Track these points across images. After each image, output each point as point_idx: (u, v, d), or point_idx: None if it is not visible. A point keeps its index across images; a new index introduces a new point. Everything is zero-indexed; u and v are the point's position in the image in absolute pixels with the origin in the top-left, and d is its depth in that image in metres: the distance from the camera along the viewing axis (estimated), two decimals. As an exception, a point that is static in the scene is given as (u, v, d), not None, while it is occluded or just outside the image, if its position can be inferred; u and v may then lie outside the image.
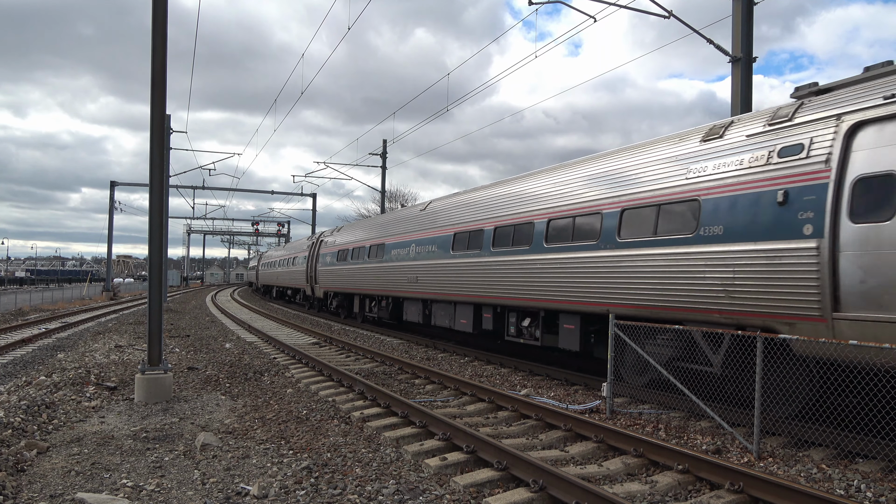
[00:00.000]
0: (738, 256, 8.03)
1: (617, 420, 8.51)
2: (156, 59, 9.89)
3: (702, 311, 8.53)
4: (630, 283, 9.77)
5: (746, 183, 8.16)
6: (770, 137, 8.13)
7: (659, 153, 9.97)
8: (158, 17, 9.94)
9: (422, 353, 15.96)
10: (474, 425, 8.07)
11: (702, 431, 7.86)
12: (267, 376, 11.94)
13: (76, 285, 56.17)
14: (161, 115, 10.03)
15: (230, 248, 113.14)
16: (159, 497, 5.56)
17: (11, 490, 5.60)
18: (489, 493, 5.64)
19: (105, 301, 43.28)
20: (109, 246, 49.21)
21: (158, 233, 10.22)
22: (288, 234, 73.19)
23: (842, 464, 6.53)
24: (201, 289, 77.90)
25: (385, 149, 38.28)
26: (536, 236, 12.38)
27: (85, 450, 6.95)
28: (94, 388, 10.32)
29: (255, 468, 6.35)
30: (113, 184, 45.38)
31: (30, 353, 15.59)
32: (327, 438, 7.45)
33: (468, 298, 15.01)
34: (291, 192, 56.07)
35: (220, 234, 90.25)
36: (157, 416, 8.65)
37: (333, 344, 17.31)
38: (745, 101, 14.06)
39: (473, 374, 12.53)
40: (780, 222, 7.61)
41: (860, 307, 6.71)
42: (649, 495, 5.67)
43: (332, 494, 5.56)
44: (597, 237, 10.61)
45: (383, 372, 12.57)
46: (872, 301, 6.59)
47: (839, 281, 6.93)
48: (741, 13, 14.02)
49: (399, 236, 20.03)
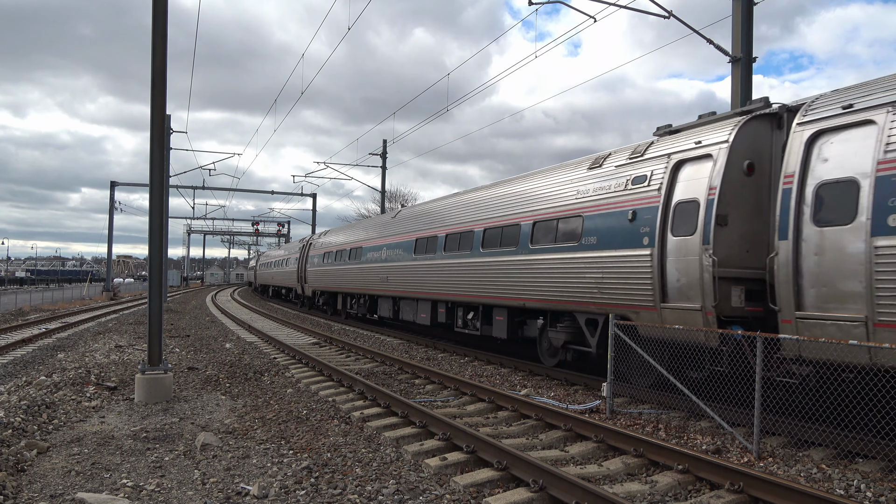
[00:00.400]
0: (606, 261, 10.29)
1: (617, 420, 8.51)
2: (156, 59, 9.89)
3: (584, 304, 10.82)
4: (538, 282, 12.04)
5: (612, 203, 10.43)
6: (629, 168, 10.38)
7: (561, 177, 12.30)
8: (158, 17, 9.94)
9: (422, 353, 15.96)
10: (474, 425, 8.07)
11: (702, 431, 7.87)
12: (267, 376, 11.94)
13: (76, 285, 56.19)
14: (161, 115, 10.03)
15: (230, 248, 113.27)
16: (159, 497, 5.56)
17: (11, 490, 5.60)
18: (489, 493, 5.64)
19: (105, 301, 43.29)
20: (109, 246, 49.27)
21: (158, 233, 10.22)
22: (288, 234, 73.19)
23: (842, 464, 6.53)
24: (201, 289, 77.92)
25: (385, 149, 38.29)
26: (476, 242, 14.68)
27: (85, 450, 6.95)
28: (95, 388, 10.32)
29: (255, 468, 6.35)
30: (113, 184, 45.40)
31: (30, 353, 15.59)
32: (327, 438, 7.45)
33: (427, 296, 17.33)
34: (291, 192, 56.14)
35: (220, 234, 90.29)
36: (157, 416, 8.65)
37: (333, 344, 17.32)
38: (745, 101, 14.05)
39: (473, 374, 12.54)
40: (630, 235, 9.83)
41: (676, 299, 9.01)
42: (649, 495, 5.67)
43: (332, 494, 5.56)
44: (517, 243, 12.92)
45: (383, 372, 12.57)
46: (683, 294, 8.90)
47: (665, 280, 9.19)
48: (741, 13, 14.02)
49: (374, 240, 22.46)
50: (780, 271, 7.62)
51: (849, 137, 7.25)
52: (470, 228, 15.19)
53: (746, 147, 8.81)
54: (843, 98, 7.53)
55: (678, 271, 9.01)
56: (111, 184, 45.35)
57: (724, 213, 8.64)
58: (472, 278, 14.68)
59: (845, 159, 7.21)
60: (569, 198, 11.60)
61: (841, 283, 7.03)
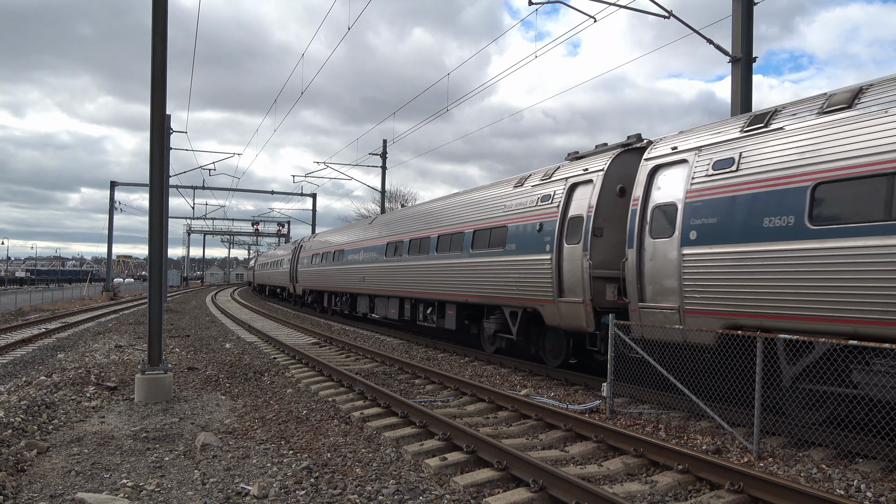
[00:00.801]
0: (522, 263, 12.53)
1: (617, 420, 8.51)
2: (156, 60, 9.89)
3: (509, 299, 13.12)
4: (477, 281, 14.35)
5: (527, 216, 12.70)
6: (539, 188, 12.67)
7: (494, 193, 14.79)
8: (158, 17, 9.94)
9: (422, 353, 15.96)
10: (474, 425, 8.07)
11: (702, 431, 7.86)
12: (267, 376, 11.94)
13: (76, 285, 56.18)
14: (161, 115, 10.03)
15: (230, 248, 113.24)
16: (159, 497, 5.56)
17: (11, 490, 5.60)
18: (489, 493, 5.64)
19: (105, 301, 43.29)
20: (109, 246, 49.26)
21: (158, 233, 10.22)
22: (288, 234, 73.14)
23: (842, 464, 6.53)
24: (201, 289, 77.93)
25: (385, 149, 38.28)
26: (431, 247, 16.94)
27: (85, 450, 6.95)
28: (94, 388, 10.32)
29: (255, 468, 6.35)
30: (113, 184, 45.39)
31: (30, 353, 15.59)
32: (327, 438, 7.45)
33: (395, 293, 19.67)
34: (291, 192, 56.13)
35: (220, 234, 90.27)
36: (157, 416, 8.65)
37: (333, 344, 17.31)
38: (745, 101, 14.06)
39: (473, 374, 12.53)
40: (538, 242, 12.06)
41: (567, 294, 11.26)
42: (649, 495, 5.67)
43: (332, 494, 5.56)
44: (461, 248, 15.24)
45: (383, 372, 12.57)
46: (572, 291, 11.16)
47: (562, 279, 11.42)
48: (741, 13, 14.01)
49: (353, 244, 24.90)
50: (629, 273, 9.72)
51: (673, 172, 9.36)
52: (428, 235, 17.48)
53: (619, 174, 10.97)
54: (674, 142, 9.63)
55: (569, 272, 11.31)
56: (111, 184, 45.34)
57: (600, 226, 10.89)
58: (429, 278, 17.01)
59: (670, 188, 9.31)
60: (498, 211, 13.99)
61: (665, 282, 9.12)
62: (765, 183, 7.82)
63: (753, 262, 7.77)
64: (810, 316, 7.08)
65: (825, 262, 6.99)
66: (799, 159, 7.49)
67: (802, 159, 7.45)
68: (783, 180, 7.60)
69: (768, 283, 7.57)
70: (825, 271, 6.98)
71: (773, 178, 7.72)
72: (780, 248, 7.47)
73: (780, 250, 7.48)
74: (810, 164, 7.34)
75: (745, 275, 7.88)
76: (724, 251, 8.18)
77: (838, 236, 6.89)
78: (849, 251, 6.77)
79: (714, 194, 8.48)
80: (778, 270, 7.47)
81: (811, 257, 7.13)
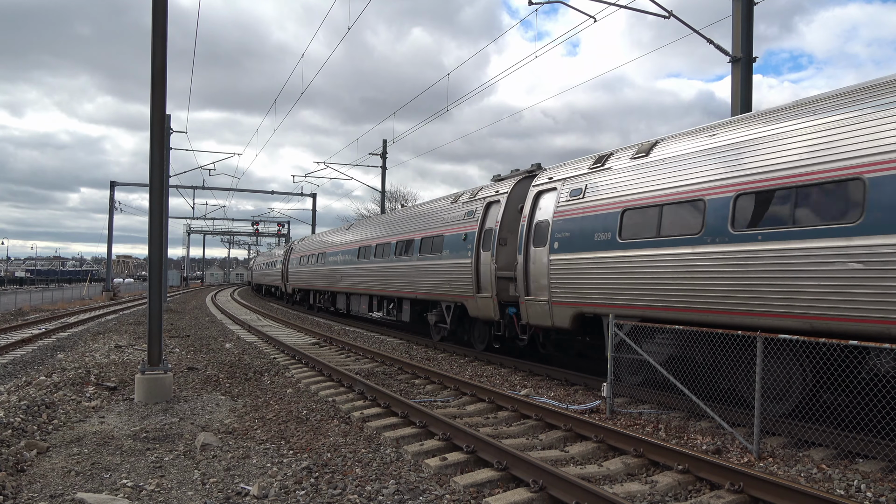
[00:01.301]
0: (453, 266, 15.47)
1: (617, 420, 8.51)
2: (156, 60, 9.89)
3: (445, 295, 16.13)
4: (423, 280, 17.23)
5: (458, 228, 15.72)
6: (467, 205, 15.68)
7: (438, 206, 17.93)
8: (158, 18, 9.94)
9: (422, 353, 15.96)
10: (474, 425, 8.07)
11: (702, 431, 7.86)
12: (267, 376, 11.94)
13: (76, 285, 56.17)
14: (161, 115, 10.03)
15: (230, 248, 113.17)
16: (159, 497, 5.56)
17: (11, 490, 5.60)
18: (489, 493, 5.64)
19: (105, 301, 43.28)
20: (109, 246, 49.27)
21: (158, 233, 10.22)
22: (288, 234, 73.10)
23: (842, 464, 6.52)
24: (201, 289, 77.91)
25: (385, 149, 38.28)
26: (391, 251, 20.26)
27: (85, 450, 6.95)
28: (94, 388, 10.32)
29: (255, 468, 6.35)
30: (113, 184, 45.39)
31: (30, 353, 15.59)
32: (327, 438, 7.45)
33: (365, 292, 22.93)
34: (292, 193, 56.12)
35: (220, 234, 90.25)
36: (157, 416, 8.65)
37: (333, 344, 17.31)
38: (745, 101, 14.06)
39: (473, 374, 12.53)
40: (463, 249, 15.03)
41: (482, 291, 14.14)
42: (649, 495, 5.67)
43: (332, 494, 5.56)
44: (413, 252, 18.28)
45: (383, 372, 12.57)
46: (484, 288, 14.10)
47: (479, 279, 14.32)
48: (741, 13, 14.01)
49: (334, 247, 28.11)
50: (519, 273, 12.49)
51: (548, 196, 12.07)
52: (389, 241, 20.60)
53: (520, 195, 13.36)
54: (551, 173, 12.47)
55: (483, 273, 14.23)
56: (111, 184, 45.34)
57: (505, 236, 13.66)
58: (389, 278, 20.08)
59: (546, 209, 11.98)
60: (439, 222, 17.01)
61: (541, 280, 11.81)
62: (598, 208, 10.54)
63: (589, 266, 10.55)
64: (624, 304, 9.77)
65: (628, 265, 9.70)
66: (615, 192, 10.27)
67: (617, 192, 10.23)
68: (607, 207, 10.35)
69: (599, 281, 10.35)
70: (627, 271, 9.70)
71: (602, 205, 10.46)
72: (604, 255, 10.20)
73: (603, 257, 10.21)
74: (620, 196, 10.09)
75: (585, 275, 10.69)
76: (573, 257, 10.94)
77: (633, 248, 9.63)
78: (639, 257, 9.50)
79: (570, 215, 11.20)
80: (603, 271, 10.23)
81: (620, 261, 9.87)
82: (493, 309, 13.71)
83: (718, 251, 8.26)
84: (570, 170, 11.78)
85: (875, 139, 6.80)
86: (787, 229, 7.51)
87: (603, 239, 10.26)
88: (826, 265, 7.06)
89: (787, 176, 7.61)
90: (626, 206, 9.89)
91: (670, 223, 9.08)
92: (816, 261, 7.15)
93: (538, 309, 11.84)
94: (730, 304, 8.10)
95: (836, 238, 6.99)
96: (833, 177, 7.10)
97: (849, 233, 6.85)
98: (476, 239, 14.48)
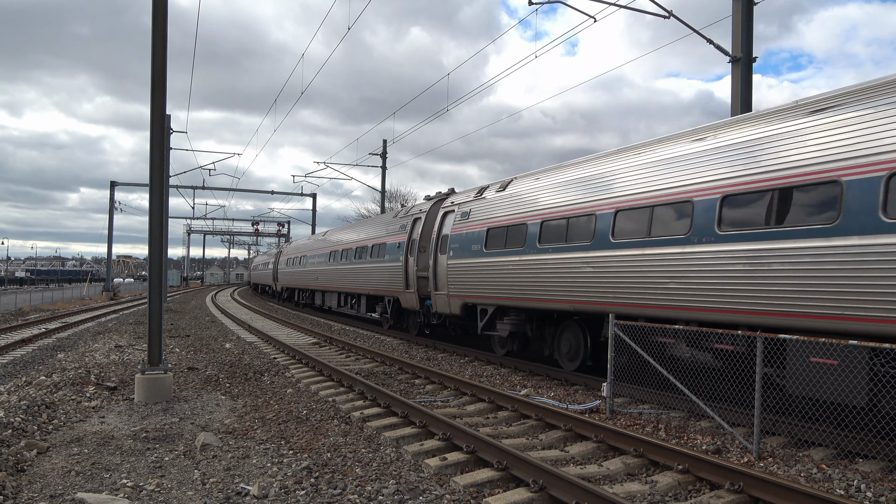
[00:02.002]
0: (391, 268, 19.38)
1: (617, 420, 8.51)
2: (156, 60, 9.88)
3: (386, 291, 20.21)
4: (373, 279, 21.37)
5: (395, 237, 19.58)
6: (401, 220, 19.76)
7: (383, 220, 22.91)
8: (158, 18, 9.93)
9: (422, 353, 15.96)
10: (474, 425, 8.07)
11: (702, 431, 7.86)
12: (267, 376, 11.94)
13: (76, 285, 56.17)
14: (161, 115, 10.03)
15: (230, 248, 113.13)
16: (159, 497, 5.56)
17: (11, 490, 5.60)
18: (489, 493, 5.64)
19: (105, 301, 43.28)
20: (109, 246, 49.26)
21: (158, 233, 10.22)
22: (288, 234, 73.04)
23: (842, 464, 6.52)
24: (201, 289, 77.89)
25: (385, 149, 38.27)
26: (351, 255, 24.66)
27: (85, 450, 6.95)
28: (94, 388, 10.32)
29: (255, 468, 6.35)
30: (113, 184, 45.39)
31: (30, 353, 15.59)
32: (327, 438, 7.45)
33: (334, 289, 27.64)
34: (292, 192, 56.12)
35: (220, 234, 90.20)
36: (157, 416, 8.65)
37: (333, 344, 17.31)
38: (745, 101, 14.05)
39: (473, 374, 12.53)
40: (398, 254, 18.87)
41: (409, 287, 17.97)
42: (649, 495, 5.67)
43: (332, 494, 5.56)
44: (366, 256, 22.62)
45: (383, 372, 12.57)
46: (410, 285, 17.89)
47: (408, 278, 18.03)
48: (741, 13, 14.00)
49: (312, 251, 33.22)
50: (430, 274, 16.44)
51: (450, 216, 16.00)
52: (350, 247, 25.05)
53: (434, 215, 17.26)
54: (453, 198, 16.69)
55: (410, 274, 18.12)
56: (111, 184, 45.34)
57: (424, 245, 17.35)
58: (350, 277, 24.53)
59: (448, 225, 15.92)
60: (384, 232, 21.31)
61: (444, 279, 15.64)
62: (475, 226, 14.56)
63: (469, 268, 14.54)
64: (489, 296, 13.77)
65: (490, 268, 13.63)
66: (484, 216, 14.30)
67: (485, 216, 14.26)
68: (479, 225, 14.38)
69: (474, 279, 14.30)
70: (490, 272, 13.62)
71: (477, 224, 14.48)
72: (476, 261, 14.21)
73: (476, 262, 14.22)
74: (487, 219, 14.14)
75: (467, 275, 14.62)
76: (460, 262, 14.90)
77: (492, 255, 13.59)
78: (495, 262, 13.44)
79: (460, 231, 15.18)
80: (476, 272, 14.20)
81: (484, 265, 13.87)
82: (416, 301, 17.84)
83: (531, 258, 12.22)
84: (463, 197, 15.95)
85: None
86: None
87: (476, 249, 14.24)
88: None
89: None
90: (489, 225, 13.97)
91: (510, 238, 13.08)
92: None
93: (442, 301, 15.83)
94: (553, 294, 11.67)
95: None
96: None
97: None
98: (406, 247, 18.46)
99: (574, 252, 10.92)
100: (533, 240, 12.10)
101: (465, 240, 14.61)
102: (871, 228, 6.57)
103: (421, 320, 18.06)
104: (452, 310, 15.24)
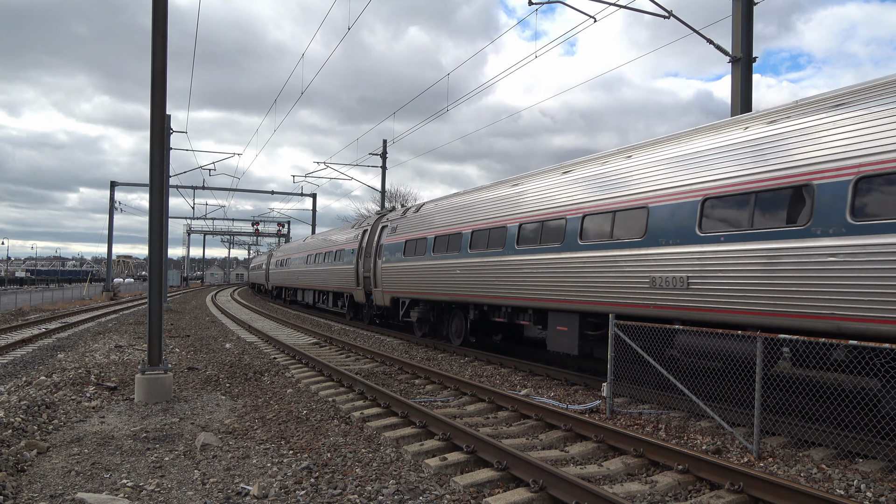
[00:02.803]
0: (346, 269, 24.79)
1: (617, 420, 8.51)
2: (156, 60, 9.88)
3: (343, 289, 25.75)
4: (336, 279, 26.34)
5: (350, 245, 24.77)
6: (354, 231, 25.08)
7: (345, 230, 27.97)
8: (158, 18, 9.93)
9: (422, 353, 15.96)
10: (474, 425, 8.07)
11: (702, 431, 7.86)
12: (267, 376, 11.94)
13: (76, 285, 56.17)
14: (161, 115, 10.03)
15: (230, 248, 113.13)
16: (159, 497, 5.56)
17: (11, 490, 5.60)
18: (489, 493, 5.64)
19: (105, 301, 43.28)
20: (109, 246, 49.27)
21: (158, 233, 10.22)
22: (288, 234, 73.05)
23: (842, 464, 6.53)
24: (201, 289, 77.88)
25: (385, 149, 38.27)
26: (321, 258, 29.84)
27: (85, 450, 6.95)
28: (94, 388, 10.32)
29: (255, 468, 6.35)
30: (113, 184, 45.40)
31: (30, 353, 15.59)
32: (327, 438, 7.45)
33: (309, 287, 33.51)
34: (292, 193, 56.13)
35: (220, 234, 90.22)
36: (157, 416, 8.65)
37: (333, 344, 17.32)
38: (745, 101, 14.05)
39: (473, 375, 12.53)
40: (352, 258, 24.19)
41: (358, 285, 23.60)
42: (649, 495, 5.67)
43: (332, 494, 5.56)
44: (332, 260, 27.39)
45: (383, 372, 12.57)
46: (359, 283, 23.51)
47: (358, 277, 23.49)
48: (741, 13, 14.00)
49: (296, 253, 38.42)
50: (371, 274, 21.38)
51: (386, 230, 20.48)
52: (320, 251, 30.33)
53: (376, 227, 21.98)
54: (389, 216, 21.46)
55: (359, 274, 22.97)
56: (111, 184, 45.35)
57: (370, 252, 21.89)
58: (321, 277, 29.63)
59: (384, 237, 20.50)
60: (343, 241, 26.19)
61: (380, 278, 20.33)
62: (399, 238, 18.99)
63: (394, 269, 19.01)
64: (405, 291, 18.23)
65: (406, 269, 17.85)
66: (404, 230, 18.76)
67: (404, 230, 18.81)
68: (401, 237, 18.86)
69: (397, 278, 18.68)
70: (407, 272, 17.90)
71: (401, 237, 18.89)
72: (397, 265, 18.59)
73: (397, 265, 18.58)
74: (405, 233, 18.55)
75: (393, 275, 19.14)
76: (389, 265, 19.46)
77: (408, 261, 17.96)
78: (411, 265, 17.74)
79: (390, 241, 19.70)
80: (398, 273, 18.53)
81: (403, 268, 18.07)
82: (363, 297, 23.04)
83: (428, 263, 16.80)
84: (395, 215, 20.76)
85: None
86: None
87: (398, 255, 18.81)
88: None
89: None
90: (406, 238, 18.56)
91: (417, 247, 17.61)
92: None
93: (379, 295, 20.56)
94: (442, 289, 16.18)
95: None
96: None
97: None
98: (357, 252, 23.50)
99: (450, 259, 15.57)
100: (430, 248, 16.81)
101: (393, 248, 19.50)
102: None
103: (367, 311, 23.46)
104: (385, 302, 20.10)
